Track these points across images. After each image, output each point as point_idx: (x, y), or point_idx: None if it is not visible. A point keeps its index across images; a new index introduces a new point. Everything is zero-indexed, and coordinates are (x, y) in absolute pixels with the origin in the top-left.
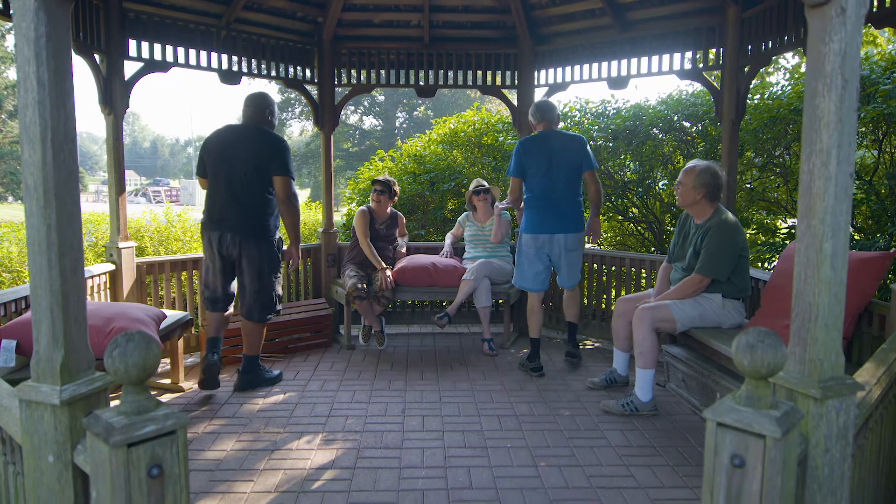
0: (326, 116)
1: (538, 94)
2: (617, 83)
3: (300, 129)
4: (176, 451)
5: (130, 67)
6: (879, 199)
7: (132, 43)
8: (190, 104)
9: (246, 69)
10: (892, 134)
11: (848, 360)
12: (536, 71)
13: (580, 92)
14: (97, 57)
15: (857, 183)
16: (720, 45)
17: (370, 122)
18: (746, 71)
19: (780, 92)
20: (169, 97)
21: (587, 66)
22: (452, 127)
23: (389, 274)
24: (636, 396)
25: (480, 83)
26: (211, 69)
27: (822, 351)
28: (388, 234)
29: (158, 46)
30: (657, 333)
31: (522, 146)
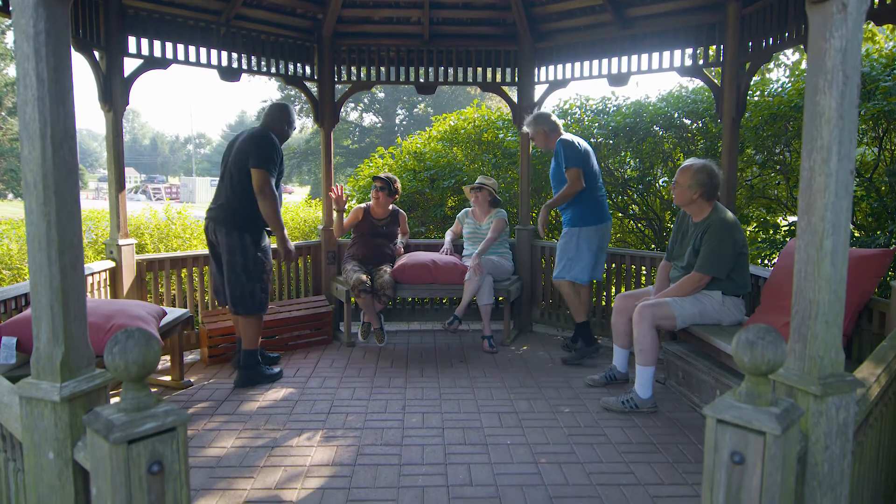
0: (326, 113)
1: (538, 90)
2: (617, 80)
3: (300, 125)
4: (176, 447)
5: (130, 64)
6: (880, 196)
7: (132, 40)
8: (190, 101)
9: (246, 66)
10: (892, 131)
11: (848, 357)
12: (536, 68)
13: (580, 89)
14: (97, 54)
15: (857, 180)
16: (720, 41)
17: (370, 118)
18: (747, 68)
19: (780, 89)
20: (169, 94)
21: (587, 62)
22: (452, 124)
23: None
24: (636, 393)
25: (480, 80)
26: (211, 66)
27: (822, 348)
28: (388, 231)
29: (158, 43)
30: (657, 330)
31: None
